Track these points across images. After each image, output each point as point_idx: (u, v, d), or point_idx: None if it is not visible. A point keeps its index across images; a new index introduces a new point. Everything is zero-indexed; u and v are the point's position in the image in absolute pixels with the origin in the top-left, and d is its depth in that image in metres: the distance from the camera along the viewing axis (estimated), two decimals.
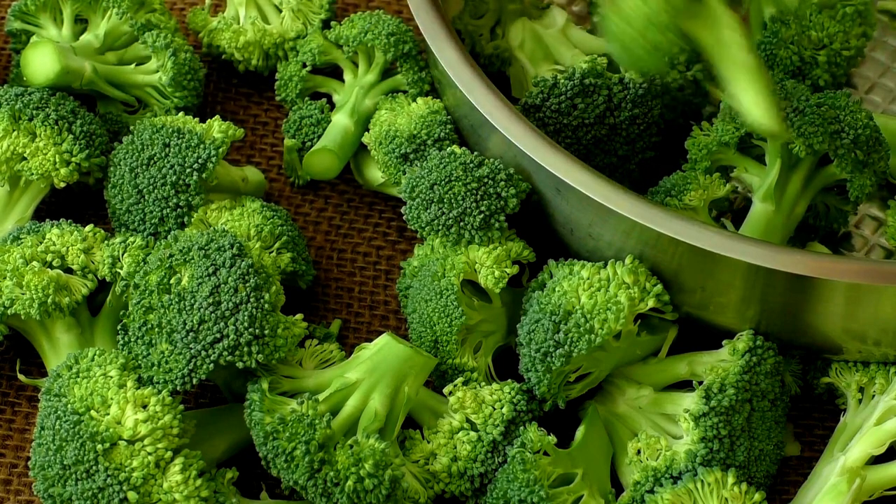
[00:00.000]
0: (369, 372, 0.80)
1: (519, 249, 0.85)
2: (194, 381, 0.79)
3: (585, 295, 0.81)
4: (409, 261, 0.89)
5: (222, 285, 0.78)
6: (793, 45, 0.95)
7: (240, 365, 0.78)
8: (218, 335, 0.78)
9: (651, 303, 0.81)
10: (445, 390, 0.83)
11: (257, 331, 0.78)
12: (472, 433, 0.81)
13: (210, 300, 0.78)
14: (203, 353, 0.78)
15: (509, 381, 0.83)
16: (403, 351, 0.80)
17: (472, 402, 0.82)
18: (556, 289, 0.82)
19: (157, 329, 0.80)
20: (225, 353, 0.78)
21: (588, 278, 0.81)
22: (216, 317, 0.78)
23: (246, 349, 0.78)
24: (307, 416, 0.77)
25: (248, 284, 0.79)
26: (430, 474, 0.81)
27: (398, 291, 0.89)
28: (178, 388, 0.79)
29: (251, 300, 0.78)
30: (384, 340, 0.81)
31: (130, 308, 0.81)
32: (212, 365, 0.78)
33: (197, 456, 0.78)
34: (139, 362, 0.80)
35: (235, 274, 0.79)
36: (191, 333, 0.78)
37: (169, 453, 0.77)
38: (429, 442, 0.82)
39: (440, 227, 0.84)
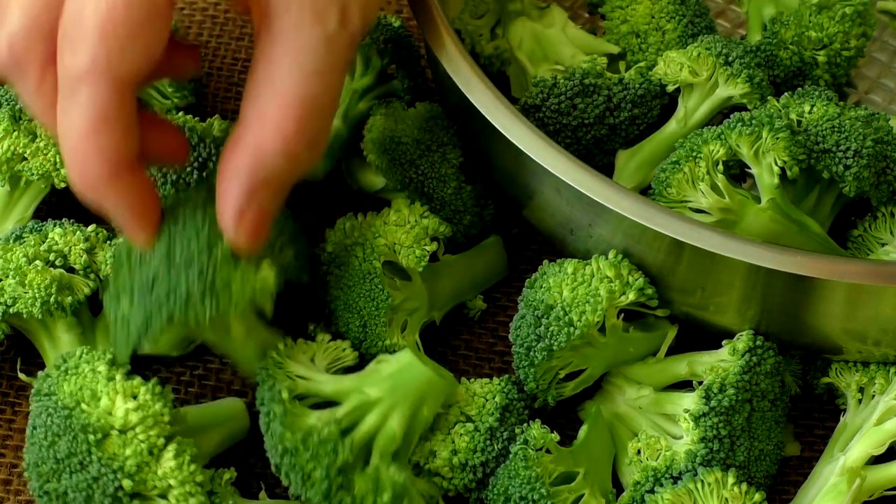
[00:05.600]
0: (390, 392, 0.80)
1: (435, 225, 0.86)
2: (150, 334, 0.77)
3: (567, 289, 0.81)
4: (323, 246, 0.87)
5: (175, 242, 0.78)
6: (793, 45, 0.95)
7: (192, 317, 0.77)
8: (171, 289, 0.76)
9: (632, 296, 0.81)
10: None
11: (209, 282, 0.77)
12: (469, 424, 0.81)
13: (165, 256, 0.77)
14: (156, 307, 0.77)
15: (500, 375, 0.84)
16: (425, 373, 0.80)
17: (464, 395, 0.82)
18: (543, 285, 0.82)
19: (122, 292, 0.79)
20: (177, 306, 0.77)
21: (572, 273, 0.82)
22: (169, 270, 0.77)
23: (199, 302, 0.77)
24: (331, 440, 0.77)
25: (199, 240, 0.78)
26: (433, 479, 0.81)
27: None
28: (137, 345, 0.77)
29: (202, 254, 0.77)
30: (407, 359, 0.81)
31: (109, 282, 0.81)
32: (165, 318, 0.77)
33: (190, 442, 0.78)
34: (110, 330, 0.79)
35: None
36: (145, 289, 0.77)
37: (161, 440, 0.77)
38: (427, 441, 0.82)
39: None
